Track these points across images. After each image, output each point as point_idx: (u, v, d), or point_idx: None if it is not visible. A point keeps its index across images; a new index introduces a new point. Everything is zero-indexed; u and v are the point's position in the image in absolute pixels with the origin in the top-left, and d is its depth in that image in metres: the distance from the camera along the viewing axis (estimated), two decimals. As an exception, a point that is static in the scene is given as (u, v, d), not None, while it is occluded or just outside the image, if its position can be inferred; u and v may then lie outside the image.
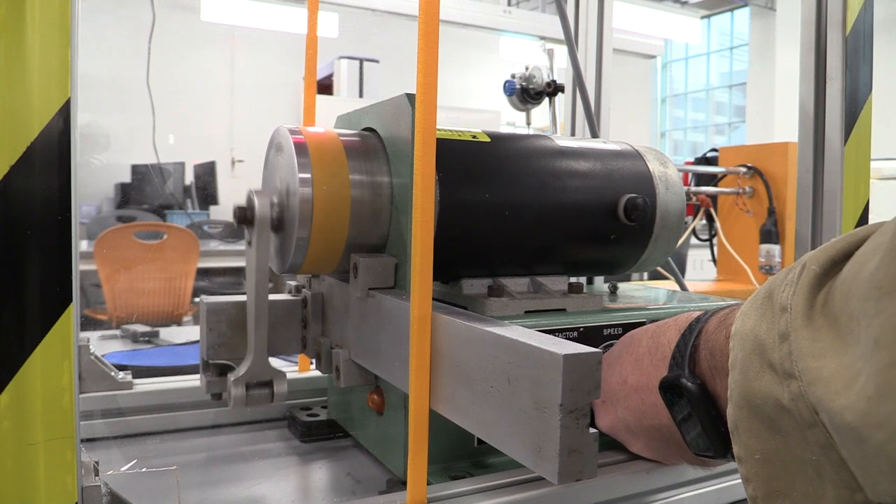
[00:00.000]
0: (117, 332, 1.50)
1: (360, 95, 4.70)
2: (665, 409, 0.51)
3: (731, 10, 9.25)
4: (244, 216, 0.63)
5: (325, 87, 4.83)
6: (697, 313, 0.52)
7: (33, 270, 0.42)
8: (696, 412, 0.47)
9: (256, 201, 0.62)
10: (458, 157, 0.64)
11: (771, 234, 1.86)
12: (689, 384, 0.47)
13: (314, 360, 0.75)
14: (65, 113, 0.42)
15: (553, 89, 1.38)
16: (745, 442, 0.40)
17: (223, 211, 4.49)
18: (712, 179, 2.07)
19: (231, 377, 0.66)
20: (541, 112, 1.50)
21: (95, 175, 4.62)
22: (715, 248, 2.17)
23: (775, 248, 1.83)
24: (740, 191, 1.95)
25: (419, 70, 0.50)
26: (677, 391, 0.48)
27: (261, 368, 0.66)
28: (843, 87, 0.90)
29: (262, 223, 0.62)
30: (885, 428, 0.31)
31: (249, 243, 0.64)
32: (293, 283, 0.78)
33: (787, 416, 0.37)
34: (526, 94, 1.41)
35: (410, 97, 0.59)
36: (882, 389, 0.31)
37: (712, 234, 2.12)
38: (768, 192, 1.90)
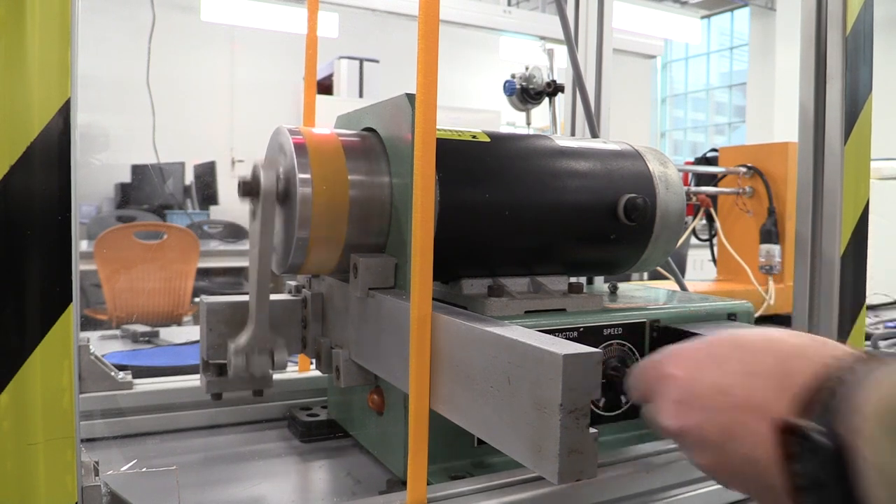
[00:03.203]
0: (117, 332, 1.50)
1: (360, 95, 4.70)
2: (767, 444, 0.44)
3: (731, 10, 9.24)
4: (249, 189, 0.63)
5: (325, 87, 4.82)
6: (842, 351, 0.45)
7: (33, 270, 0.42)
8: (827, 477, 0.40)
9: (262, 174, 0.62)
10: (458, 157, 0.64)
11: (771, 234, 1.85)
12: (826, 442, 0.40)
13: (314, 360, 0.75)
14: (65, 113, 0.42)
15: (553, 89, 1.37)
16: None
17: (223, 211, 4.49)
18: (712, 179, 2.07)
19: (231, 345, 0.66)
20: (541, 112, 1.49)
21: (95, 175, 4.62)
22: (715, 248, 2.17)
23: (775, 248, 1.83)
24: (740, 191, 1.95)
25: (419, 70, 0.50)
26: (803, 441, 0.41)
27: (262, 337, 0.66)
28: (843, 87, 0.90)
29: (268, 196, 0.62)
30: None
31: (254, 215, 0.64)
32: (293, 283, 0.78)
33: None
34: (526, 94, 1.40)
35: (410, 97, 0.59)
36: None
37: (712, 234, 2.11)
38: (768, 192, 1.90)
